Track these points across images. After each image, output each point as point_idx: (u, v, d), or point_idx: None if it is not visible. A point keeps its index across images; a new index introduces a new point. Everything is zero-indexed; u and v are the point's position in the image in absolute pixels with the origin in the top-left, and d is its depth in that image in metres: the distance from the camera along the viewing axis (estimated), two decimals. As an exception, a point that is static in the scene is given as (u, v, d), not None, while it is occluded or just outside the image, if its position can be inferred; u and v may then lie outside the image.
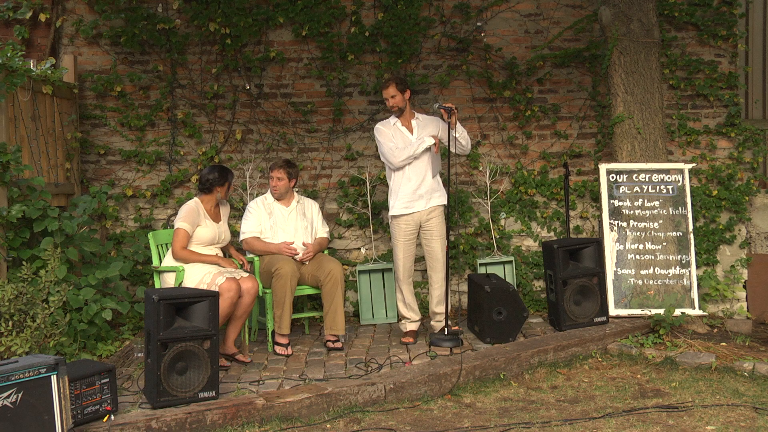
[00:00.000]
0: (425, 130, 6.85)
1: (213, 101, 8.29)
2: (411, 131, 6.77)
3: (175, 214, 8.11)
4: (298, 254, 6.73)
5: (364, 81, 8.32)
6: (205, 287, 6.01)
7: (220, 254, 6.51)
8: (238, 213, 8.06)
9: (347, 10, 8.30)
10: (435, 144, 6.62)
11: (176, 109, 8.28)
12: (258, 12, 8.21)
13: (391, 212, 6.77)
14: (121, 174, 8.28)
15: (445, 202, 6.75)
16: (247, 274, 6.29)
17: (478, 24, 8.29)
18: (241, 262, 6.59)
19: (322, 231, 7.04)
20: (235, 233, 7.63)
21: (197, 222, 6.39)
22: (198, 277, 6.14)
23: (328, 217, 8.17)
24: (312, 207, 7.09)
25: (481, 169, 8.31)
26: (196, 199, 6.55)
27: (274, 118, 8.24)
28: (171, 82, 8.26)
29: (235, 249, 6.91)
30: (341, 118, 8.30)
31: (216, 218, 6.54)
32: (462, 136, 6.65)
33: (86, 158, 8.25)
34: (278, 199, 6.93)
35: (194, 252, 6.31)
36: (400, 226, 6.73)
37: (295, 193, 7.05)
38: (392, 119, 6.85)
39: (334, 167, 8.31)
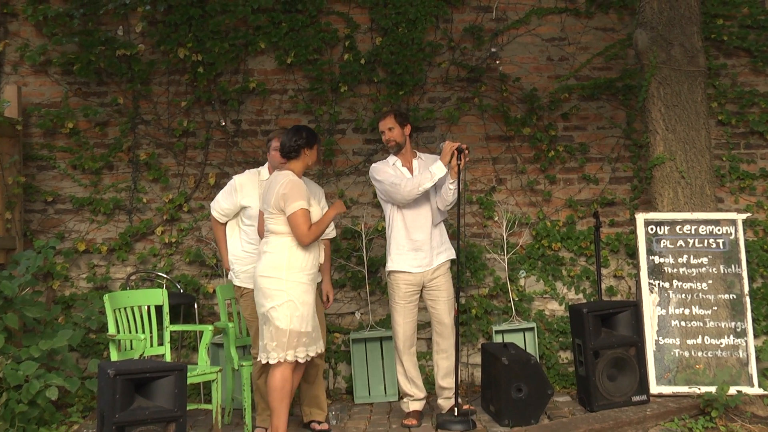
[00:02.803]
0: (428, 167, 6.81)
1: (182, 140, 8.31)
2: (411, 172, 6.76)
3: (135, 272, 8.07)
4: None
5: (360, 116, 8.34)
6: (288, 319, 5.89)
7: (321, 256, 6.28)
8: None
9: (340, 34, 8.36)
10: (455, 161, 6.48)
11: (138, 149, 8.29)
12: (235, 36, 8.25)
13: (389, 267, 6.72)
14: (72, 225, 8.26)
15: (453, 257, 6.71)
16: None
17: (493, 50, 8.33)
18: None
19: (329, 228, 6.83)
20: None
21: (309, 199, 6.08)
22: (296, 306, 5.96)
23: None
24: (316, 191, 6.90)
25: (496, 219, 8.29)
26: (288, 172, 6.13)
27: (253, 159, 8.23)
28: (133, 118, 8.28)
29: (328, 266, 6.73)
30: (332, 160, 8.30)
31: None
32: (454, 188, 6.57)
33: (30, 207, 8.24)
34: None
35: (319, 223, 6.03)
36: (399, 284, 6.66)
37: None
38: (390, 158, 6.83)
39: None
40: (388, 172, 6.67)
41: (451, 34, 8.40)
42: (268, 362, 5.94)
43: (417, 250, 6.63)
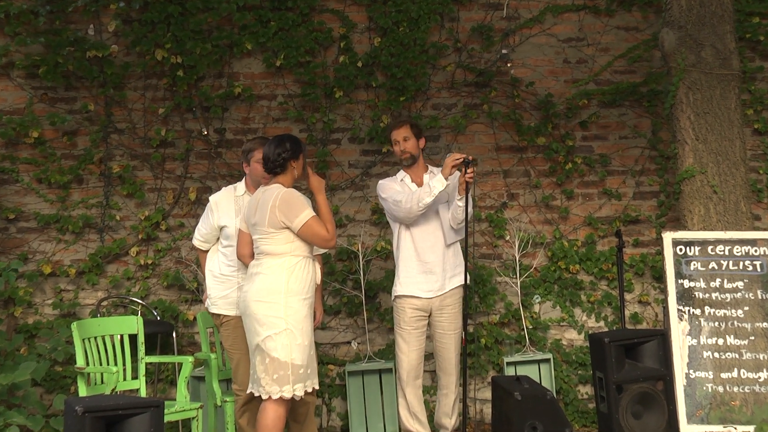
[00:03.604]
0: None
1: (159, 150, 8.31)
2: (419, 186, 6.77)
3: (106, 297, 8.04)
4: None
5: (356, 125, 8.35)
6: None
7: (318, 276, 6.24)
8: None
9: (334, 34, 8.37)
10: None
11: (111, 161, 8.28)
12: (219, 36, 8.26)
13: (395, 291, 6.71)
14: (36, 245, 8.24)
15: (466, 281, 6.70)
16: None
17: (504, 51, 8.34)
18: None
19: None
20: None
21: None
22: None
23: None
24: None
25: (508, 238, 8.29)
26: (277, 186, 6.07)
27: (239, 172, 8.20)
28: (105, 126, 8.27)
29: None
30: (326, 173, 8.30)
31: None
32: (462, 204, 6.55)
33: (-8, 224, 8.22)
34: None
35: (326, 218, 6.01)
36: (405, 310, 6.67)
37: None
38: (399, 174, 6.84)
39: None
40: (393, 188, 6.68)
41: (458, 34, 8.41)
42: (252, 398, 5.88)
43: (428, 273, 6.64)
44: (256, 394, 5.85)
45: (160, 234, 8.28)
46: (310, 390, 5.91)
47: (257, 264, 5.97)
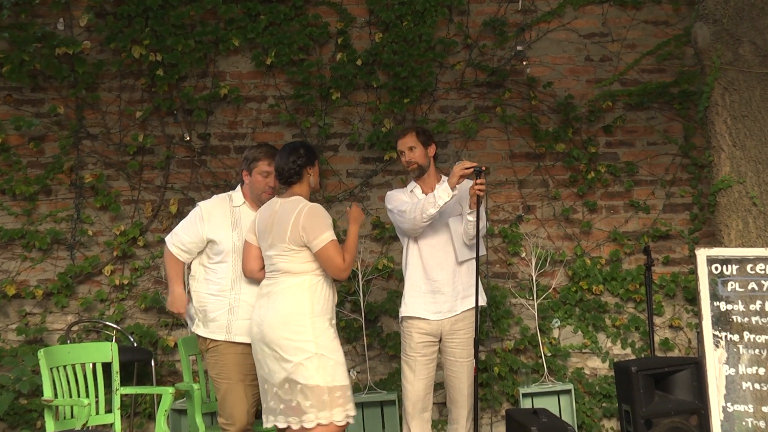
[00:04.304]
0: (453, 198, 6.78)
1: (137, 158, 8.29)
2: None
3: (77, 321, 7.99)
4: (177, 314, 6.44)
5: (355, 129, 8.35)
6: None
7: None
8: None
9: (331, 29, 8.38)
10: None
11: (83, 170, 8.27)
12: (203, 31, 8.25)
13: (402, 311, 6.67)
14: None
15: (483, 303, 6.63)
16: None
17: (519, 48, 8.36)
18: None
19: None
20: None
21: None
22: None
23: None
24: None
25: (523, 255, 8.28)
26: (298, 198, 6.08)
27: (225, 182, 8.18)
28: (76, 131, 8.26)
29: None
30: (322, 183, 8.28)
31: None
32: (473, 219, 6.53)
33: (-49, 240, 8.22)
34: (260, 202, 6.62)
35: (349, 248, 6.04)
36: (412, 334, 6.63)
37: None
38: (411, 184, 6.80)
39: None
40: (401, 199, 6.64)
41: (468, 29, 8.42)
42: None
43: (435, 293, 6.60)
44: (295, 427, 5.82)
45: (137, 251, 8.26)
46: (353, 413, 5.93)
47: (273, 283, 5.96)
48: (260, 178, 6.29)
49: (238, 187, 6.50)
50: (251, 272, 6.15)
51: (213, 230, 6.37)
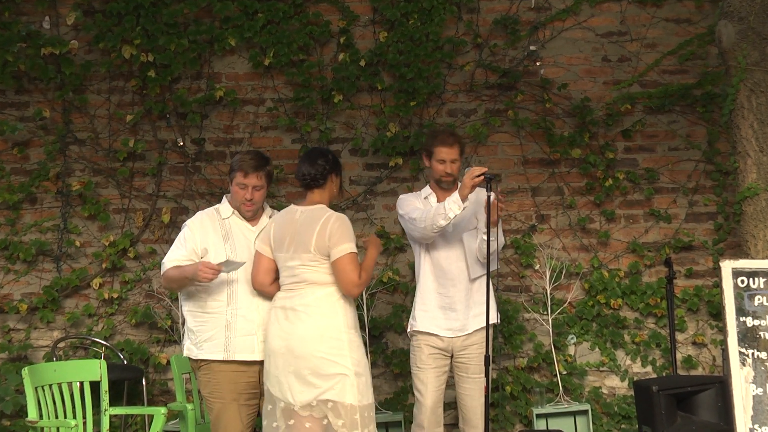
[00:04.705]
0: (470, 206, 6.76)
1: (127, 164, 8.30)
2: None
3: (64, 338, 7.98)
4: (215, 275, 6.33)
5: (359, 134, 8.35)
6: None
7: None
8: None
9: (333, 28, 8.37)
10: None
11: (70, 177, 8.27)
12: (197, 30, 8.26)
13: (411, 325, 6.66)
14: (-18, 276, 8.23)
15: (495, 320, 6.61)
16: None
17: (532, 48, 8.36)
18: None
19: None
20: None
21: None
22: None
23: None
24: None
25: (537, 267, 8.28)
26: (321, 206, 6.13)
27: (220, 189, 8.17)
28: (63, 136, 8.26)
29: None
30: (323, 191, 8.23)
31: None
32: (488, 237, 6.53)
33: (-71, 251, 8.23)
34: (249, 218, 6.62)
35: (367, 268, 6.11)
36: (422, 347, 6.64)
37: (267, 206, 6.79)
38: (425, 190, 6.78)
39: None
40: (413, 204, 6.62)
41: (478, 28, 8.41)
42: None
43: (447, 309, 6.61)
44: None
45: (127, 263, 8.27)
46: None
47: (297, 295, 5.96)
48: (238, 189, 6.22)
49: (224, 198, 6.47)
50: (263, 285, 6.12)
51: (206, 242, 6.34)
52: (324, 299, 5.91)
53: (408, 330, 6.72)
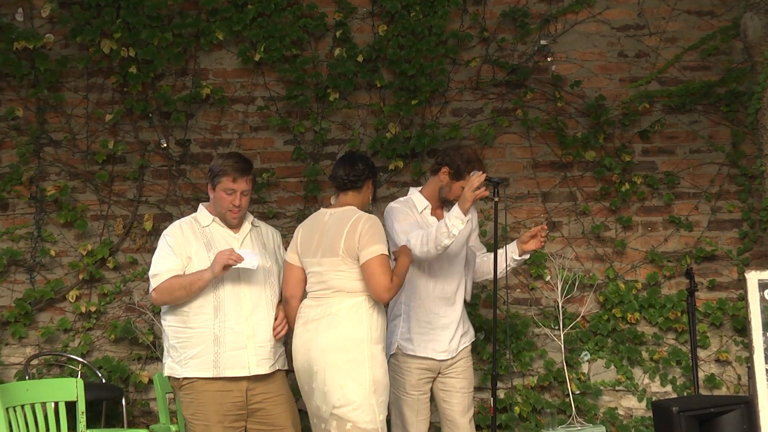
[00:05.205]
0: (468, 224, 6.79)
1: (106, 168, 8.29)
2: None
3: (37, 354, 7.97)
4: (237, 263, 6.33)
5: (356, 135, 8.35)
6: None
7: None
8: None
9: (328, 21, 8.37)
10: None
11: (45, 181, 8.27)
12: (182, 23, 8.25)
13: (402, 347, 6.61)
14: (-51, 288, 8.23)
15: (473, 338, 6.80)
16: None
17: (543, 43, 8.37)
18: None
19: None
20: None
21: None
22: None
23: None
24: (273, 236, 6.80)
25: (548, 279, 8.28)
26: (352, 208, 6.22)
27: (206, 194, 8.10)
28: (37, 137, 8.25)
29: None
30: (317, 196, 8.28)
31: None
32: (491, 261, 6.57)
33: None
34: (232, 225, 6.61)
35: (399, 272, 6.15)
36: (412, 370, 6.60)
37: (247, 212, 6.78)
38: (416, 198, 6.67)
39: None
40: (407, 222, 6.53)
41: (484, 21, 8.41)
42: None
43: (444, 329, 6.62)
44: None
45: (106, 274, 8.26)
46: None
47: (325, 304, 6.01)
48: (224, 195, 6.20)
49: (200, 207, 6.44)
50: (294, 297, 6.20)
51: (189, 251, 6.32)
52: (349, 309, 5.97)
53: (391, 351, 6.65)
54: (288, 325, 6.25)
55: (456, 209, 6.34)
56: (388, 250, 6.08)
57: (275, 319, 6.23)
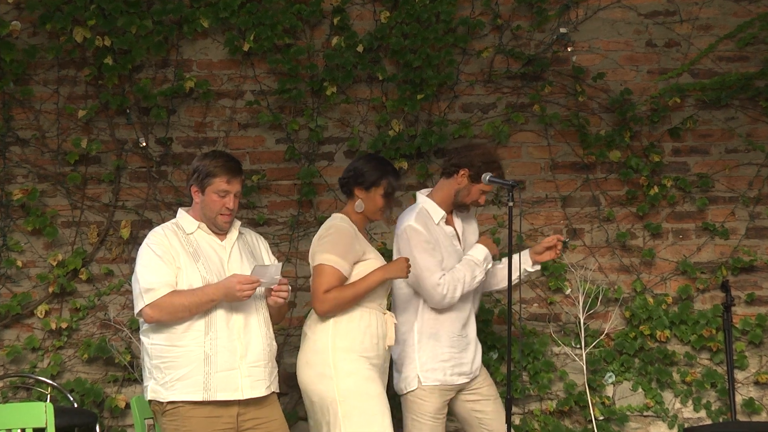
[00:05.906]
0: (471, 226, 6.89)
1: (79, 169, 8.28)
2: (455, 230, 6.82)
3: (2, 376, 7.98)
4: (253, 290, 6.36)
5: (355, 133, 8.34)
6: None
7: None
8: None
9: (325, 6, 8.36)
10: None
11: (10, 184, 8.26)
12: (163, 9, 8.24)
13: (424, 379, 6.61)
14: None
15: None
16: None
17: (562, 31, 8.37)
18: None
19: None
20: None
21: (357, 253, 6.36)
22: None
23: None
24: (258, 242, 6.79)
25: (568, 292, 8.29)
26: (342, 215, 6.49)
27: (190, 198, 8.09)
28: (2, 135, 8.25)
29: None
30: (313, 200, 8.29)
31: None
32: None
33: None
34: (223, 231, 6.58)
35: (349, 287, 6.28)
36: (435, 399, 6.63)
37: (235, 219, 6.78)
38: (430, 207, 6.68)
39: (300, 289, 8.22)
40: (433, 255, 6.53)
41: (498, 7, 8.40)
42: None
43: (464, 350, 6.73)
44: None
45: (78, 286, 8.25)
46: None
47: (308, 316, 6.34)
48: (216, 197, 6.18)
49: (180, 212, 6.40)
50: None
51: (177, 261, 6.28)
52: (317, 319, 6.20)
53: (411, 388, 6.63)
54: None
55: (485, 251, 6.61)
56: (351, 265, 6.24)
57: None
